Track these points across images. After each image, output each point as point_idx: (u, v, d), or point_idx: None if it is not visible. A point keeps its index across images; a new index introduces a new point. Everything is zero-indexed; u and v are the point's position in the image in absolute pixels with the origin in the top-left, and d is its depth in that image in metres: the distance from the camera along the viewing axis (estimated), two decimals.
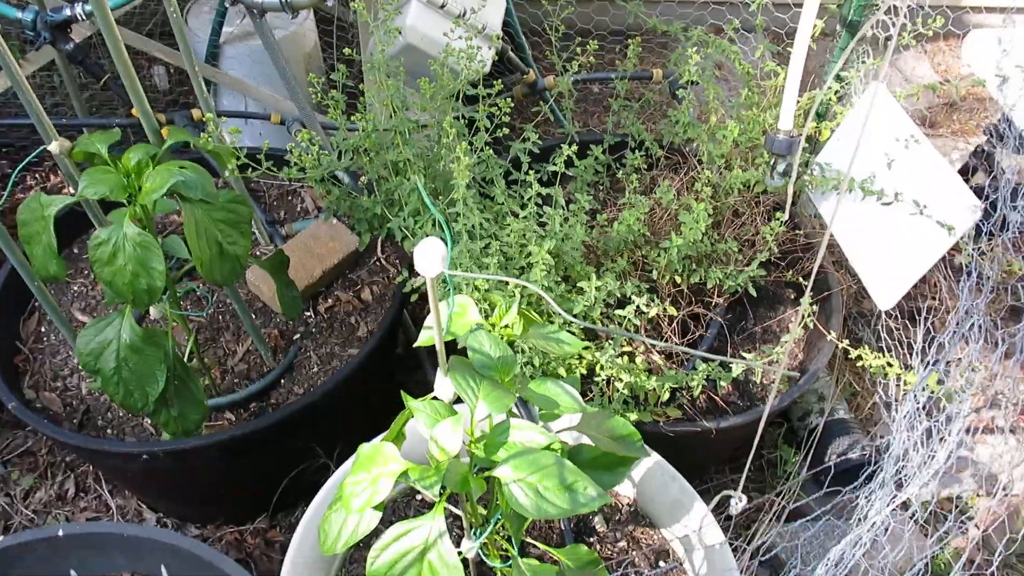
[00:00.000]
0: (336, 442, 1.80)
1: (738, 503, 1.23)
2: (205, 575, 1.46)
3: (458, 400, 1.02)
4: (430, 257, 0.81)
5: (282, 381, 1.80)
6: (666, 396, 1.55)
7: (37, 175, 2.59)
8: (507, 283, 1.45)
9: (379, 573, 0.87)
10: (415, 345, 1.08)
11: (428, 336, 1.07)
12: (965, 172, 2.36)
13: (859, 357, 1.69)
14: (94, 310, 1.90)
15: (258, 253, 1.98)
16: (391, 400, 1.87)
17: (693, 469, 1.51)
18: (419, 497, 1.54)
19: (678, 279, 1.76)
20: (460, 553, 0.93)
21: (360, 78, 1.85)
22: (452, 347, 1.12)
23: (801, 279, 1.92)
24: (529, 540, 1.28)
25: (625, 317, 1.50)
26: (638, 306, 1.55)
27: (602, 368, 1.51)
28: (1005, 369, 2.49)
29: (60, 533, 1.47)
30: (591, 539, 1.50)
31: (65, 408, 1.74)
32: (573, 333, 1.15)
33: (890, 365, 1.68)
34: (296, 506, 1.98)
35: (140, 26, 2.54)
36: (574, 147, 1.61)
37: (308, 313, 1.90)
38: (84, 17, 1.97)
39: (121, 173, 1.30)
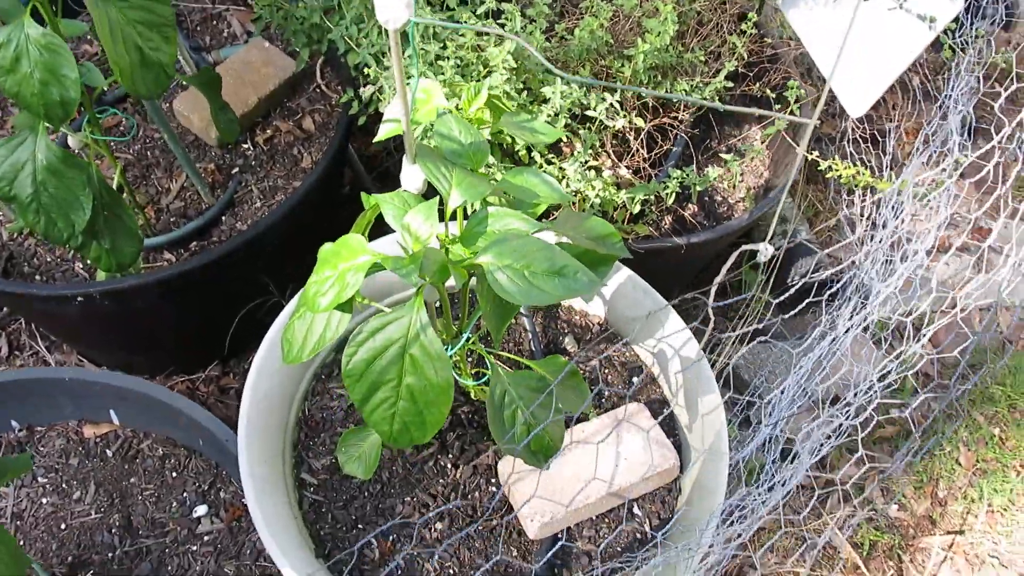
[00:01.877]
0: (286, 282, 1.70)
1: (767, 251, 1.17)
2: (157, 415, 1.38)
3: (427, 196, 0.92)
4: (393, 2, 0.69)
5: (223, 218, 1.67)
6: (637, 208, 1.48)
7: None
8: (472, 74, 1.32)
9: (356, 372, 0.79)
10: (377, 139, 0.96)
11: (391, 128, 0.96)
12: None
13: (828, 168, 1.63)
14: None
15: (184, 84, 1.80)
16: (339, 236, 1.76)
17: (659, 292, 1.47)
18: None
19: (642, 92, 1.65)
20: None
21: None
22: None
23: (768, 91, 1.83)
24: (503, 354, 1.22)
25: (597, 115, 1.39)
26: (599, 117, 1.45)
27: (569, 181, 1.42)
28: (960, 189, 2.49)
29: None
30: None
31: None
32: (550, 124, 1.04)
33: (860, 174, 1.63)
34: (249, 352, 1.89)
35: None
36: None
37: (246, 145, 1.75)
38: None
39: None
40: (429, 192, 0.91)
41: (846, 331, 1.48)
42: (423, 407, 0.80)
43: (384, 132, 0.96)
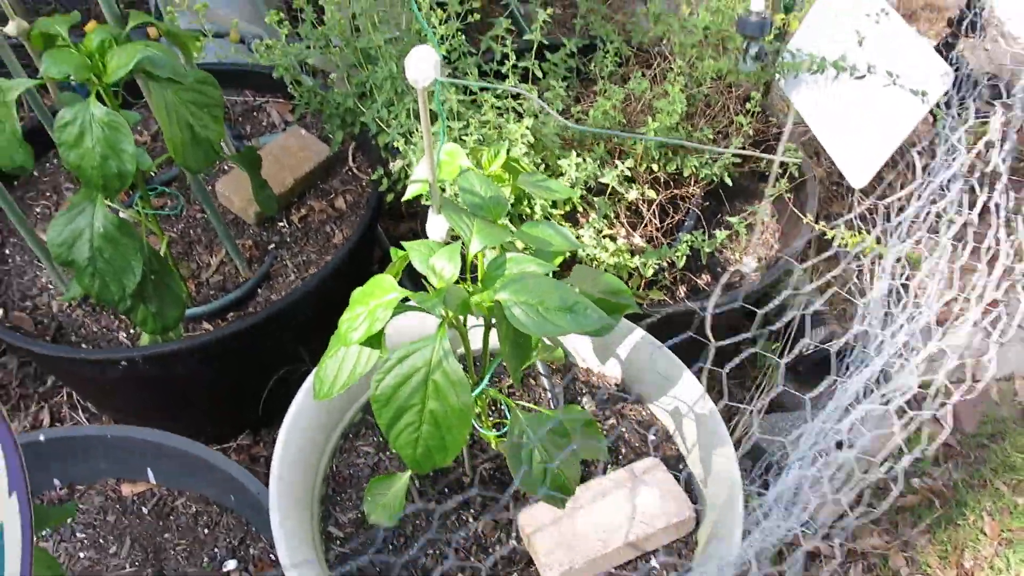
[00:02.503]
0: (316, 354, 1.78)
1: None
2: (192, 472, 1.45)
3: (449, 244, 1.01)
4: (423, 64, 0.79)
5: (259, 291, 1.77)
6: (650, 272, 1.55)
7: None
8: (492, 139, 1.43)
9: (383, 397, 0.86)
10: (404, 198, 1.06)
11: (417, 188, 1.06)
12: None
13: (833, 238, 1.71)
14: None
15: (226, 168, 1.94)
16: None
17: None
18: None
19: (655, 167, 1.75)
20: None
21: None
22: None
23: (775, 166, 1.93)
24: (524, 404, 1.28)
25: (608, 186, 1.49)
26: (615, 188, 1.54)
27: (584, 247, 1.51)
28: (969, 264, 2.54)
29: (42, 438, 1.44)
30: None
31: (37, 326, 1.69)
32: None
33: (864, 241, 1.70)
34: (279, 423, 1.95)
35: None
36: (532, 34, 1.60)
37: (282, 223, 1.86)
38: None
39: (84, 54, 1.25)
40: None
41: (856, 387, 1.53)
42: (444, 431, 0.86)
43: (411, 192, 1.05)
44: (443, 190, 1.30)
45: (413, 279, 1.44)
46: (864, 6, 1.70)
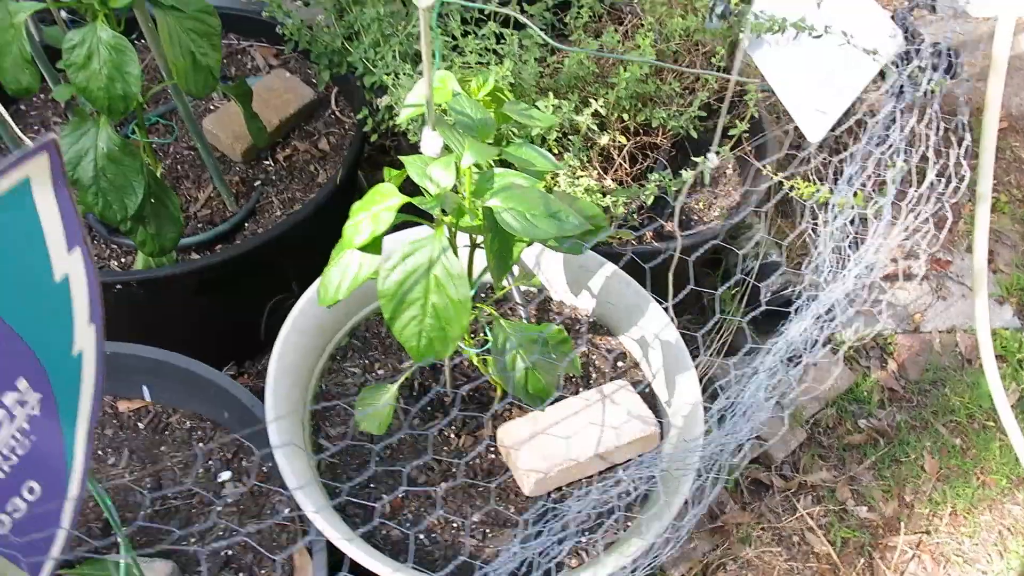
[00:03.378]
0: (303, 284, 1.86)
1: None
2: (187, 389, 1.52)
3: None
4: None
5: (246, 224, 1.84)
6: (620, 211, 1.66)
7: None
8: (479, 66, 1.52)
9: (389, 292, 0.95)
10: (399, 120, 1.15)
11: (411, 111, 1.14)
12: None
13: (791, 187, 1.83)
14: None
15: (212, 107, 2.00)
16: None
17: None
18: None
19: (626, 116, 1.85)
20: None
21: None
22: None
23: (737, 121, 2.04)
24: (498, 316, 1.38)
25: (583, 124, 1.58)
26: (588, 130, 1.64)
27: (559, 184, 1.60)
28: (917, 224, 2.69)
29: None
30: None
31: None
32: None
33: (818, 191, 1.82)
34: (263, 354, 2.03)
35: None
36: None
37: (267, 162, 1.93)
38: None
39: None
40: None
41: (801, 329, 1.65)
42: (445, 323, 0.96)
43: (406, 114, 1.14)
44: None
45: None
46: None
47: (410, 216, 1.04)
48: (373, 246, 1.00)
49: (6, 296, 0.53)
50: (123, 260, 1.75)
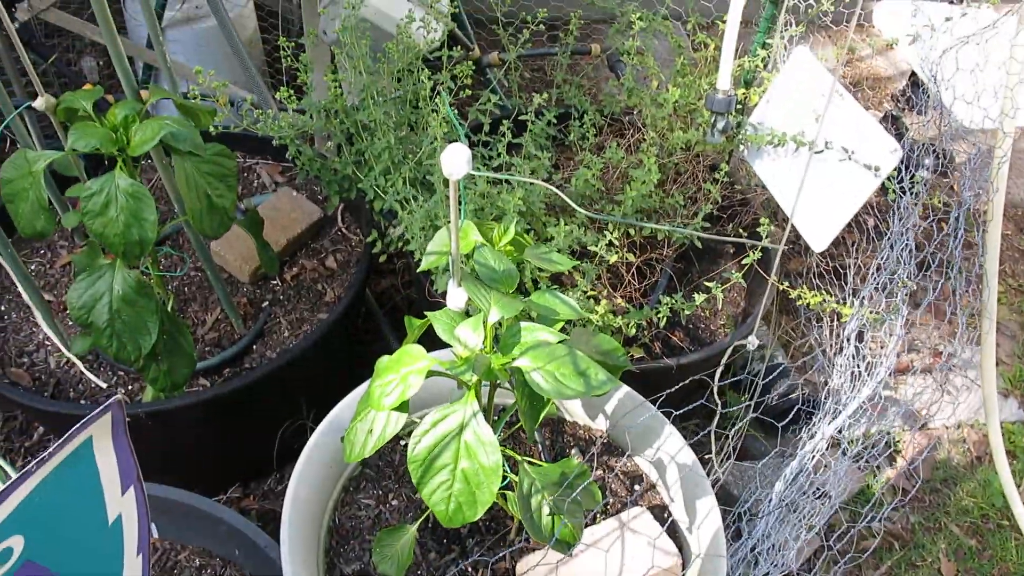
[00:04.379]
0: (312, 405, 1.84)
1: (754, 342, 1.34)
2: (197, 526, 1.49)
3: (466, 315, 1.10)
4: (457, 160, 0.89)
5: (254, 347, 1.83)
6: (632, 332, 1.66)
7: None
8: (487, 217, 1.54)
9: (419, 458, 0.94)
10: (421, 268, 1.15)
11: (433, 259, 1.15)
12: None
13: (798, 297, 1.84)
14: (54, 288, 1.89)
15: None
16: (355, 369, 1.94)
17: None
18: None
19: (631, 232, 1.88)
20: None
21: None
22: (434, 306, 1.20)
23: (740, 231, 2.07)
24: (524, 459, 1.36)
25: (597, 253, 1.60)
26: (599, 253, 1.65)
27: (582, 313, 1.61)
28: (918, 318, 2.71)
29: None
30: None
31: (35, 383, 1.72)
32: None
33: (825, 301, 1.84)
34: (268, 475, 2.00)
35: (79, 11, 2.52)
36: (528, 114, 1.72)
37: (275, 281, 1.93)
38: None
39: (108, 127, 1.33)
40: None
41: (818, 441, 1.65)
42: (475, 488, 0.94)
43: (428, 262, 1.14)
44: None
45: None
46: (819, 86, 1.86)
47: (437, 371, 1.04)
48: (402, 408, 0.99)
49: (62, 550, 0.52)
50: (130, 387, 1.73)
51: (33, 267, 1.92)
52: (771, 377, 2.27)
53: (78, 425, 0.49)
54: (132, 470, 0.58)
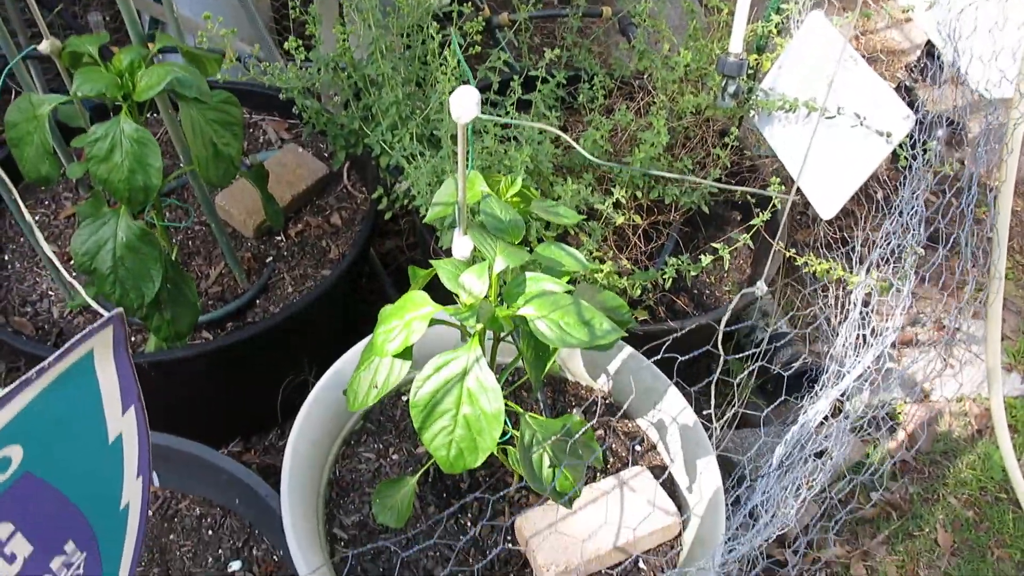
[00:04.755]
0: (314, 361, 1.84)
1: (762, 288, 1.33)
2: (198, 475, 1.50)
3: (472, 262, 1.09)
4: (466, 102, 0.88)
5: (257, 302, 1.82)
6: (637, 293, 1.65)
7: None
8: (506, 164, 1.53)
9: (421, 403, 0.94)
10: (427, 219, 1.14)
11: (438, 210, 1.14)
12: None
13: (805, 264, 1.83)
14: (58, 239, 1.89)
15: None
16: (359, 327, 1.93)
17: None
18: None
19: (639, 194, 1.86)
20: None
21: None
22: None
23: (748, 197, 2.05)
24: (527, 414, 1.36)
25: (604, 212, 1.59)
26: (605, 213, 1.65)
27: (588, 266, 1.60)
28: (922, 291, 2.70)
29: None
30: None
31: (38, 332, 1.73)
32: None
33: (832, 269, 1.83)
34: (270, 430, 2.01)
35: None
36: (537, 71, 1.70)
37: (279, 237, 1.92)
38: None
39: (114, 73, 1.31)
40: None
41: (821, 407, 1.64)
42: (476, 434, 0.94)
43: (433, 213, 1.14)
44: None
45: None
46: (832, 52, 1.83)
47: (441, 319, 1.03)
48: (405, 355, 0.99)
49: (61, 465, 0.52)
50: (134, 339, 1.73)
51: (37, 217, 1.92)
52: (775, 345, 2.27)
53: (79, 336, 0.48)
54: (133, 389, 0.57)
